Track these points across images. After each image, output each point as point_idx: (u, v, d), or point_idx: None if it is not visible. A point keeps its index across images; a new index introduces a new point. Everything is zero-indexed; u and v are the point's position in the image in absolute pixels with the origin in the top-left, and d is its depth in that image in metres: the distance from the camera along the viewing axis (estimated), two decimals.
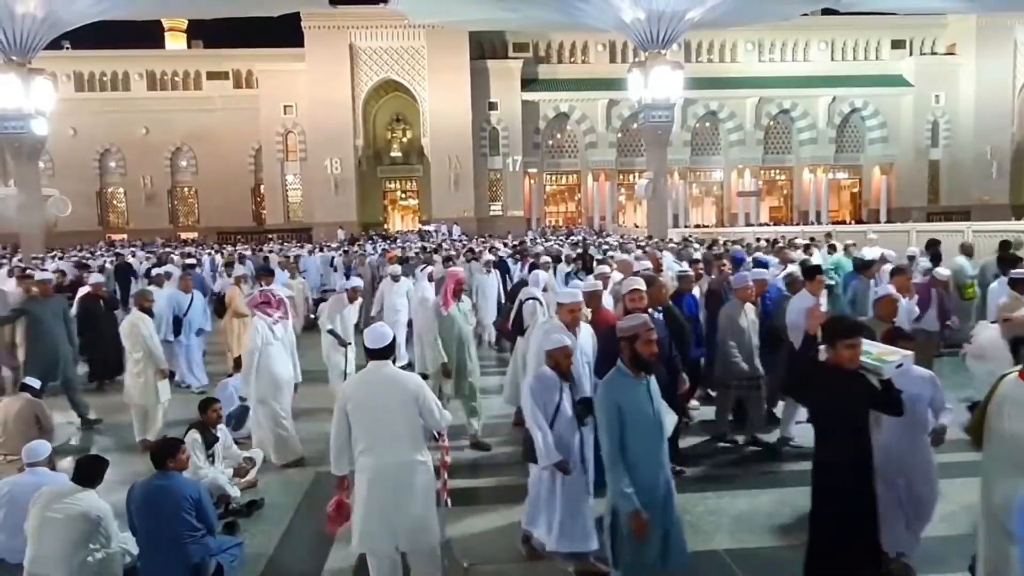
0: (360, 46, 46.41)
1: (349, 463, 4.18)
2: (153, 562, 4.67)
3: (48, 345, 8.61)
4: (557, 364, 4.70)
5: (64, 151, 46.38)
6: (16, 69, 27.47)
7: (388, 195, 53.01)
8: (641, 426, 3.95)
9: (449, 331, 7.40)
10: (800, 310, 6.42)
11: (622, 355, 4.05)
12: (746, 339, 7.12)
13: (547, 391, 4.66)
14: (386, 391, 4.12)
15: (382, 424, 4.09)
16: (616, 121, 49.63)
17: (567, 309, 5.51)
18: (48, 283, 9.11)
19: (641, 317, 4.15)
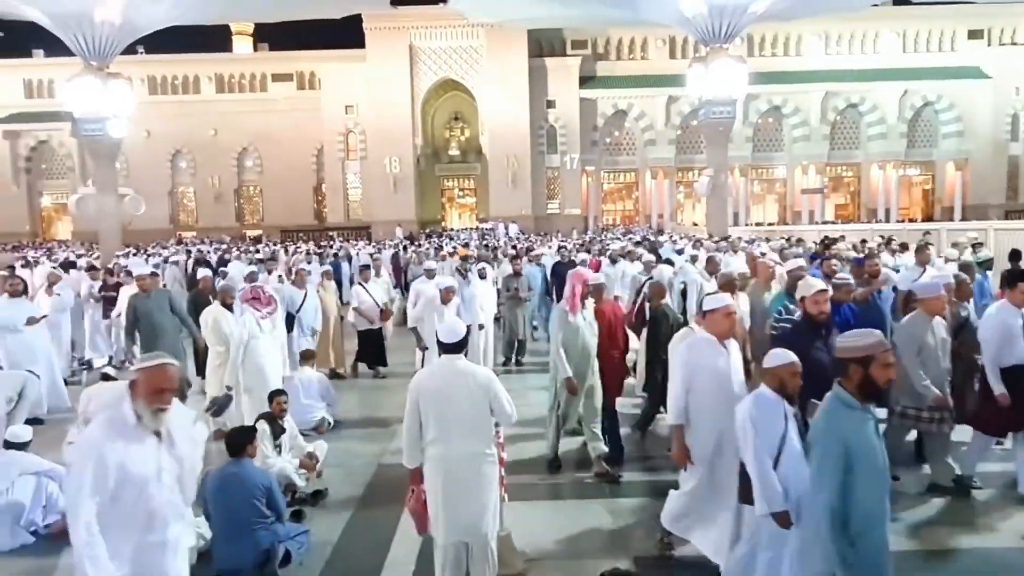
0: (419, 46, 46.98)
1: (421, 455, 4.23)
2: (226, 546, 4.83)
3: (153, 339, 8.40)
4: (782, 384, 3.96)
5: (138, 152, 48.34)
6: (95, 73, 28.71)
7: (446, 193, 53.54)
8: (871, 473, 3.22)
9: (574, 341, 6.45)
10: (1004, 325, 5.67)
11: (845, 380, 3.33)
12: (935, 361, 5.84)
13: (771, 419, 3.90)
14: (457, 384, 4.16)
15: (452, 416, 4.13)
16: (675, 118, 48.92)
17: (722, 314, 4.62)
18: (147, 278, 8.86)
19: (875, 334, 3.38)
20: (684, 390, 4.59)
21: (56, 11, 26.82)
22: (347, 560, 5.13)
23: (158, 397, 3.02)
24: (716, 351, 4.63)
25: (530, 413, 7.61)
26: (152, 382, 3.03)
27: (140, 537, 3.01)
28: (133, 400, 3.03)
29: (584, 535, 5.42)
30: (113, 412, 3.03)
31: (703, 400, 4.56)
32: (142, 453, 2.99)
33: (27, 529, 5.40)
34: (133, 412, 3.02)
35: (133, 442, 2.98)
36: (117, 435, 2.97)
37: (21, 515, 5.39)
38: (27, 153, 51.85)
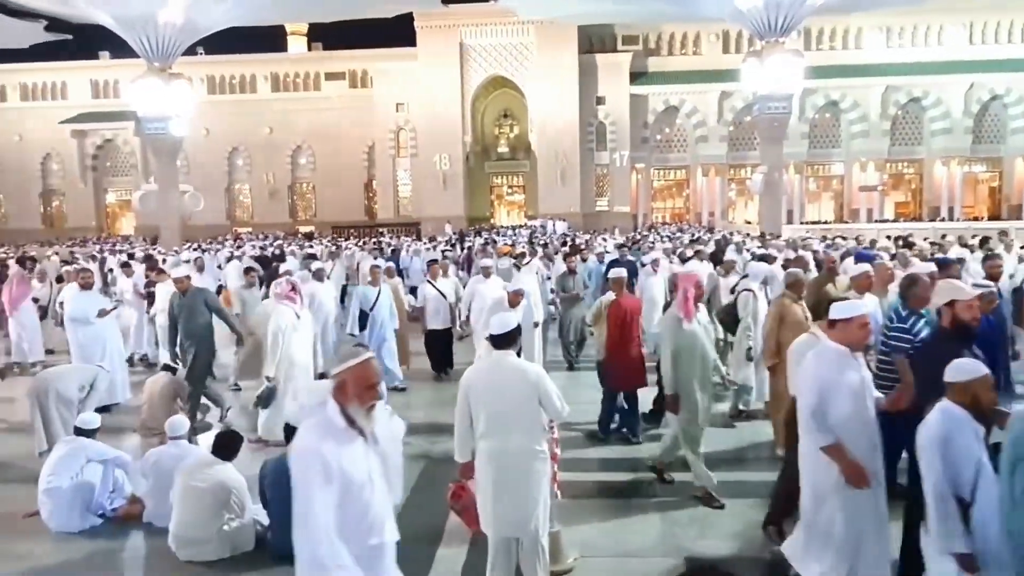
0: (470, 44, 47.22)
1: (471, 450, 4.26)
2: (282, 534, 4.93)
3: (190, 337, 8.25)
4: (976, 400, 3.43)
5: (198, 150, 49.79)
6: (158, 74, 29.74)
7: (495, 190, 53.71)
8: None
9: (690, 349, 5.91)
10: None
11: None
12: None
13: (963, 444, 3.38)
14: (507, 379, 4.17)
15: (501, 412, 4.14)
16: (728, 114, 48.06)
17: (857, 323, 4.06)
18: (185, 279, 8.60)
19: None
20: (821, 405, 3.99)
21: (122, 14, 27.84)
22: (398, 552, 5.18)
23: (370, 393, 2.91)
24: (850, 365, 4.06)
25: (583, 412, 7.61)
26: (361, 379, 2.89)
27: (363, 543, 2.90)
28: (342, 401, 2.88)
29: (633, 534, 5.38)
30: (320, 416, 2.88)
31: (838, 423, 3.97)
32: (354, 456, 2.86)
33: (94, 513, 5.62)
34: (341, 414, 2.88)
35: (345, 445, 2.84)
36: (331, 439, 2.82)
37: (90, 499, 5.62)
38: (93, 151, 53.94)
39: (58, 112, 52.65)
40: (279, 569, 4.86)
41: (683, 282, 6.13)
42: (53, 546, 5.35)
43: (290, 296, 7.69)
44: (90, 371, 7.27)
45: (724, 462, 6.63)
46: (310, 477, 2.74)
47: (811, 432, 4.02)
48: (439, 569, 4.91)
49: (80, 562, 5.11)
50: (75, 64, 52.63)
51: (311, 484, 2.74)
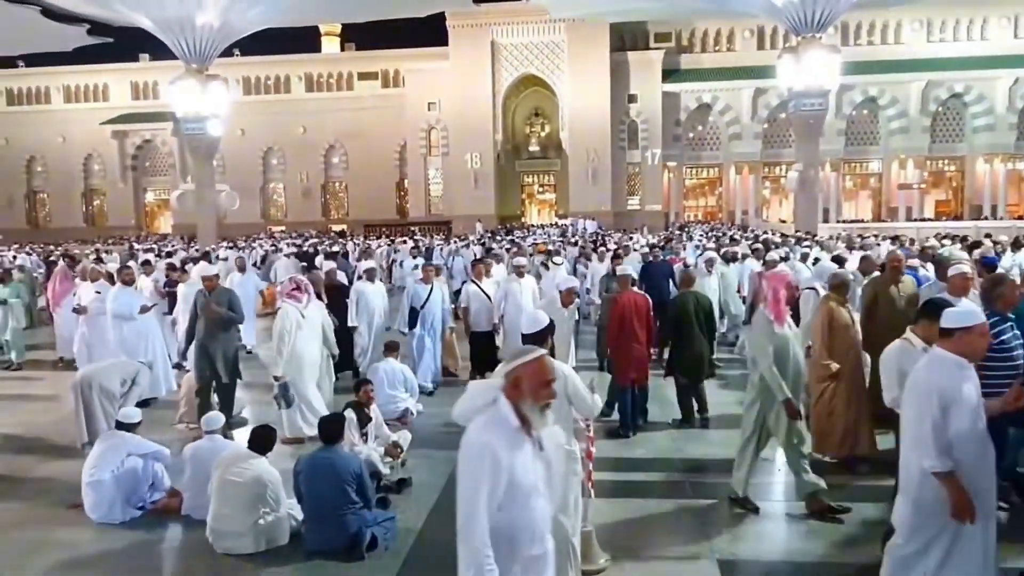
0: (501, 42, 47.27)
1: None
2: (316, 528, 5.01)
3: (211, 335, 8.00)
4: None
5: (233, 150, 50.60)
6: (195, 76, 30.25)
7: (525, 189, 53.70)
8: None
9: (783, 355, 5.47)
10: None
11: None
12: None
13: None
14: None
15: None
16: (762, 111, 47.42)
17: (978, 332, 3.63)
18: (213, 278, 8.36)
19: None
20: (941, 420, 3.55)
21: (161, 17, 28.38)
22: (431, 547, 5.21)
23: (545, 391, 2.75)
24: (968, 377, 3.64)
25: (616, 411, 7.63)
26: (536, 376, 2.73)
27: (527, 551, 2.73)
28: (515, 399, 2.72)
29: (667, 536, 5.34)
30: (492, 414, 2.72)
31: (955, 440, 3.55)
32: (524, 459, 2.69)
33: (134, 506, 5.75)
34: (515, 413, 2.72)
35: (517, 447, 2.67)
36: (504, 438, 2.66)
37: (131, 492, 5.75)
38: (133, 152, 55.18)
39: (100, 113, 53.99)
40: (312, 564, 4.92)
41: (772, 282, 5.62)
42: (94, 536, 5.48)
43: (294, 295, 7.75)
44: (132, 366, 7.42)
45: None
46: (479, 473, 2.59)
47: (926, 451, 3.58)
48: None
49: (120, 552, 5.22)
50: (116, 67, 53.88)
51: (479, 480, 2.58)
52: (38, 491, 6.47)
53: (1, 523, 5.77)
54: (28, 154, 55.76)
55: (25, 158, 55.86)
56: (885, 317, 6.79)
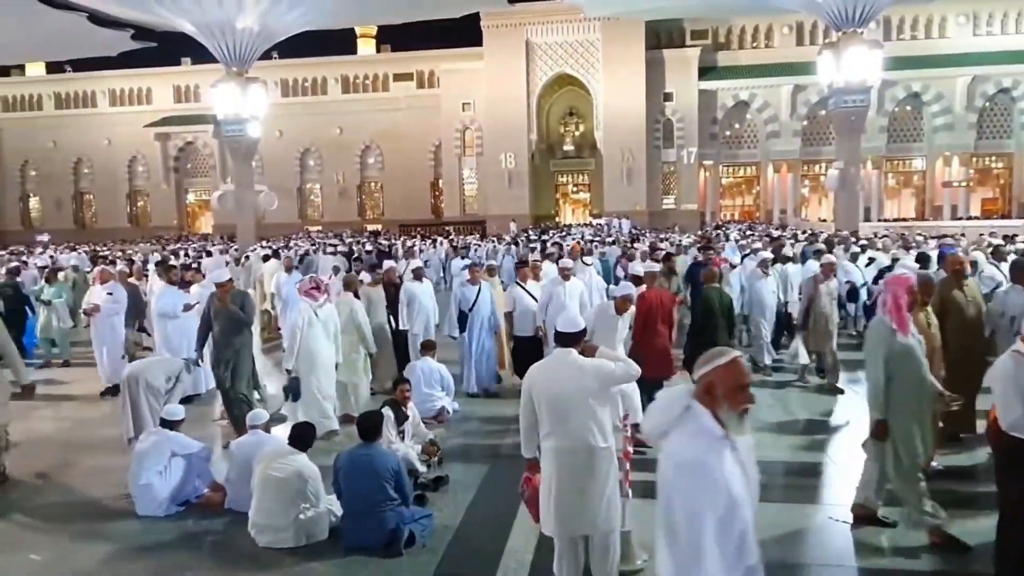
0: (536, 42, 47.24)
1: (536, 446, 4.26)
2: (355, 524, 5.07)
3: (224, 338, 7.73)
4: None
5: (271, 151, 51.43)
6: (235, 78, 30.78)
7: (560, 188, 53.60)
8: None
9: (906, 367, 4.97)
10: None
11: None
12: None
13: None
14: (570, 377, 4.14)
15: (565, 410, 4.11)
16: (801, 108, 46.61)
17: None
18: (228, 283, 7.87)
19: None
20: None
21: (203, 21, 28.94)
22: (468, 545, 5.24)
23: (743, 395, 2.59)
24: None
25: None
26: (733, 379, 2.58)
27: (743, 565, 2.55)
28: (710, 406, 2.57)
29: None
30: (692, 424, 2.56)
31: None
32: (731, 468, 2.51)
33: (178, 503, 5.88)
34: (715, 421, 2.55)
35: (723, 457, 2.49)
36: (712, 451, 2.48)
37: (177, 492, 5.90)
38: (175, 154, 56.43)
39: (143, 116, 55.33)
40: (351, 559, 4.98)
41: (892, 287, 5.07)
42: (141, 528, 5.62)
43: (311, 293, 7.91)
44: (176, 363, 7.59)
45: None
46: (701, 498, 2.38)
47: None
48: (508, 564, 4.92)
49: (166, 544, 5.35)
50: (159, 70, 55.17)
51: (702, 505, 2.38)
52: (85, 484, 6.66)
53: (51, 515, 5.95)
54: (75, 156, 57.39)
55: (72, 160, 57.51)
56: (955, 323, 6.47)
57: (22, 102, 58.27)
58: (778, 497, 5.86)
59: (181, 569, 4.99)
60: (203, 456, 6.17)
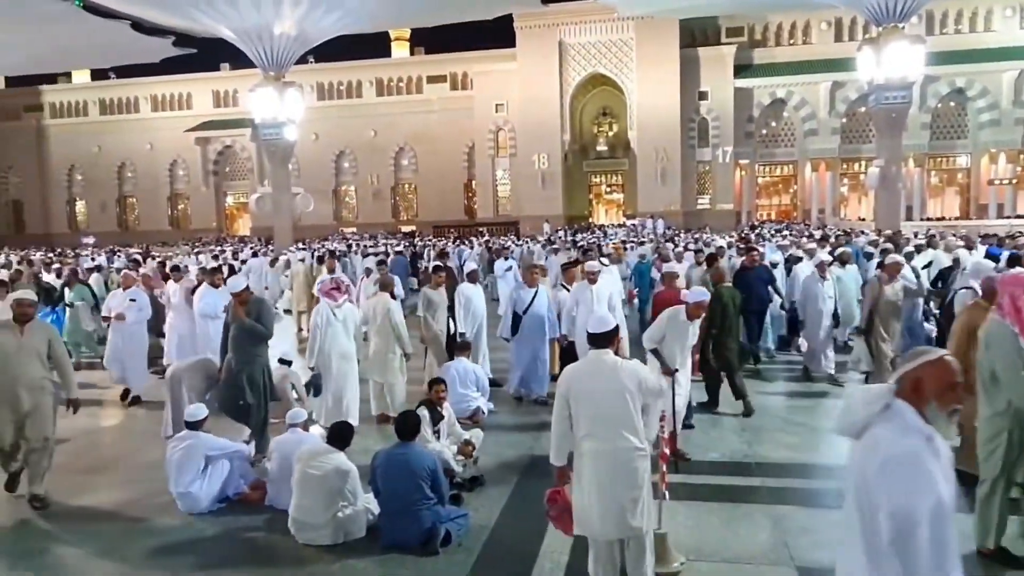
0: (569, 42, 47.15)
1: (567, 454, 4.24)
2: (392, 522, 5.13)
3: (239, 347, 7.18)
4: None
5: (307, 154, 52.16)
6: (273, 83, 31.33)
7: (593, 189, 53.40)
8: None
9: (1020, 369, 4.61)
10: None
11: None
12: None
13: None
14: (606, 378, 4.13)
15: (601, 411, 4.10)
16: (840, 105, 45.75)
17: None
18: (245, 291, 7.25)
19: None
20: None
21: (241, 27, 29.53)
22: (503, 545, 5.26)
23: (953, 394, 2.45)
24: None
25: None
26: (941, 377, 2.45)
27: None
28: (916, 404, 2.44)
29: (743, 540, 5.22)
30: (896, 422, 2.41)
31: None
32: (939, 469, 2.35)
33: (219, 500, 6.01)
34: (922, 420, 2.43)
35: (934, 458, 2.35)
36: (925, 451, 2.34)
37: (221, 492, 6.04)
38: (215, 157, 57.57)
39: (184, 121, 56.55)
40: (389, 557, 5.03)
41: (1009, 287, 4.70)
42: (184, 523, 5.76)
43: (331, 294, 8.15)
44: (216, 364, 7.73)
45: None
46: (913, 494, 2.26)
47: None
48: (543, 564, 4.93)
49: (209, 539, 5.47)
50: (199, 76, 56.32)
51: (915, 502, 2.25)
52: (131, 480, 6.83)
53: (99, 511, 6.11)
54: (119, 161, 58.91)
55: (116, 165, 59.04)
56: None
57: (68, 109, 60.01)
58: None
59: (223, 564, 5.09)
60: (243, 456, 6.28)
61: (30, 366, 6.08)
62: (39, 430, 6.14)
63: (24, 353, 6.06)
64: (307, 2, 28.60)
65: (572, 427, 4.19)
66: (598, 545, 4.26)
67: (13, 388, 6.00)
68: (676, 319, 6.80)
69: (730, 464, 6.82)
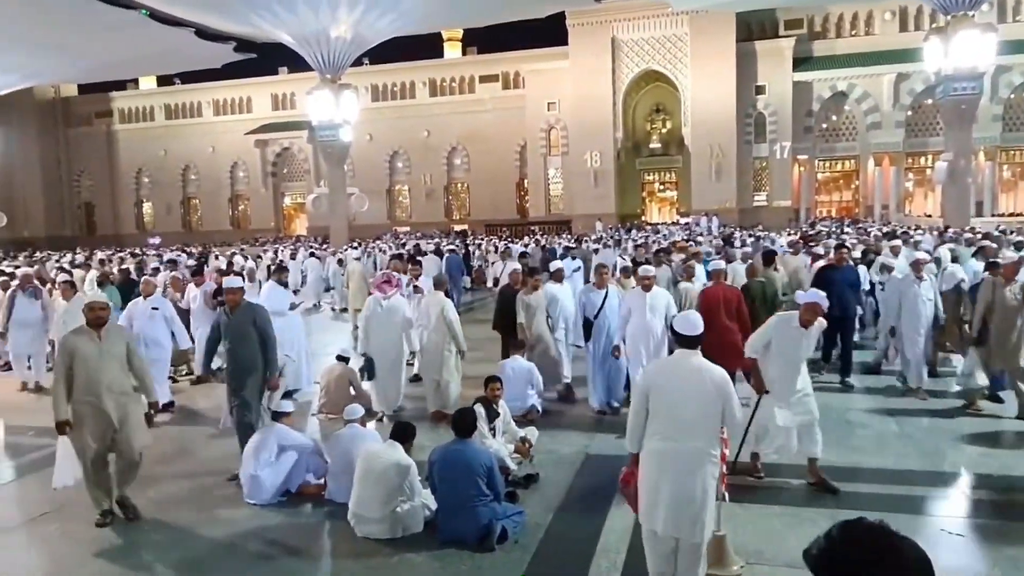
0: (622, 38, 46.72)
1: (641, 442, 4.23)
2: (449, 518, 5.17)
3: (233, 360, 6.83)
4: None
5: (362, 154, 52.94)
6: (329, 85, 31.98)
7: (646, 187, 52.80)
8: None
9: None
10: None
11: None
12: None
13: None
14: (690, 380, 4.09)
15: (680, 412, 4.07)
16: (905, 98, 44.09)
17: None
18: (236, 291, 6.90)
19: None
20: None
21: (299, 32, 30.23)
22: (560, 543, 5.25)
23: None
24: None
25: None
26: None
27: None
28: None
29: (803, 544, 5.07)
30: None
31: None
32: None
33: (280, 493, 6.16)
34: None
35: None
36: None
37: (287, 483, 6.20)
38: (273, 159, 59.02)
39: (244, 124, 58.13)
40: (446, 552, 5.08)
41: None
42: (249, 515, 5.93)
43: (382, 287, 8.85)
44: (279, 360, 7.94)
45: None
46: None
47: None
48: (600, 563, 4.90)
49: (273, 530, 5.62)
50: (258, 80, 57.81)
51: None
52: (193, 473, 7.06)
53: (166, 501, 6.33)
54: (183, 163, 60.93)
55: (181, 167, 61.08)
56: None
57: (136, 114, 62.38)
58: None
59: (285, 555, 5.23)
60: (312, 450, 6.42)
61: (113, 372, 5.73)
62: (132, 444, 5.80)
63: (106, 359, 5.70)
64: (363, 5, 29.07)
65: (646, 422, 4.17)
66: (656, 541, 4.22)
67: (99, 397, 5.62)
68: (786, 326, 5.90)
69: (792, 466, 6.65)
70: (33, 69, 38.39)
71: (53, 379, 5.79)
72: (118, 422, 5.71)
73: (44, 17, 30.99)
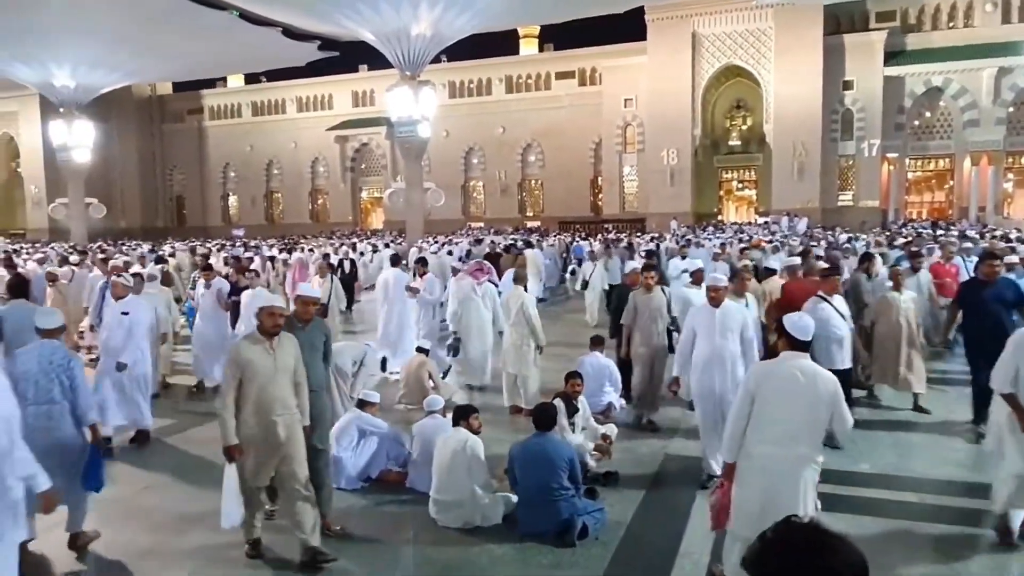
0: (702, 33, 45.73)
1: (739, 450, 4.14)
2: (529, 511, 5.19)
3: None
4: None
5: (438, 150, 53.53)
6: (408, 82, 32.47)
7: (724, 185, 51.60)
8: None
9: None
10: None
11: None
12: None
13: None
14: (799, 384, 3.98)
15: (785, 416, 3.96)
16: (1007, 93, 41.49)
17: None
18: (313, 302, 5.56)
19: None
20: None
21: (381, 30, 30.84)
22: (640, 542, 5.20)
23: None
24: None
25: None
26: None
27: None
28: None
29: (901, 558, 4.88)
30: None
31: None
32: None
33: (362, 478, 6.31)
34: None
35: None
36: None
37: (368, 466, 6.35)
38: (352, 154, 60.56)
39: (325, 120, 59.85)
40: (526, 545, 5.10)
41: None
42: (337, 497, 6.09)
43: (475, 274, 9.77)
44: (360, 348, 8.15)
45: None
46: None
47: None
48: (683, 564, 4.83)
49: (357, 514, 5.77)
50: (339, 78, 59.38)
51: None
52: None
53: None
54: (267, 159, 63.23)
55: (265, 162, 63.42)
56: None
57: (225, 111, 65.09)
58: None
59: (366, 540, 5.35)
60: (394, 437, 6.57)
61: (285, 389, 4.81)
62: (296, 471, 4.85)
63: (280, 374, 4.78)
64: (443, 3, 29.39)
65: (747, 427, 4.07)
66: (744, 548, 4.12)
67: (269, 417, 4.75)
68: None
69: (883, 477, 6.40)
70: (134, 68, 40.55)
71: (220, 395, 4.91)
72: (284, 447, 4.82)
73: (145, 19, 32.70)
